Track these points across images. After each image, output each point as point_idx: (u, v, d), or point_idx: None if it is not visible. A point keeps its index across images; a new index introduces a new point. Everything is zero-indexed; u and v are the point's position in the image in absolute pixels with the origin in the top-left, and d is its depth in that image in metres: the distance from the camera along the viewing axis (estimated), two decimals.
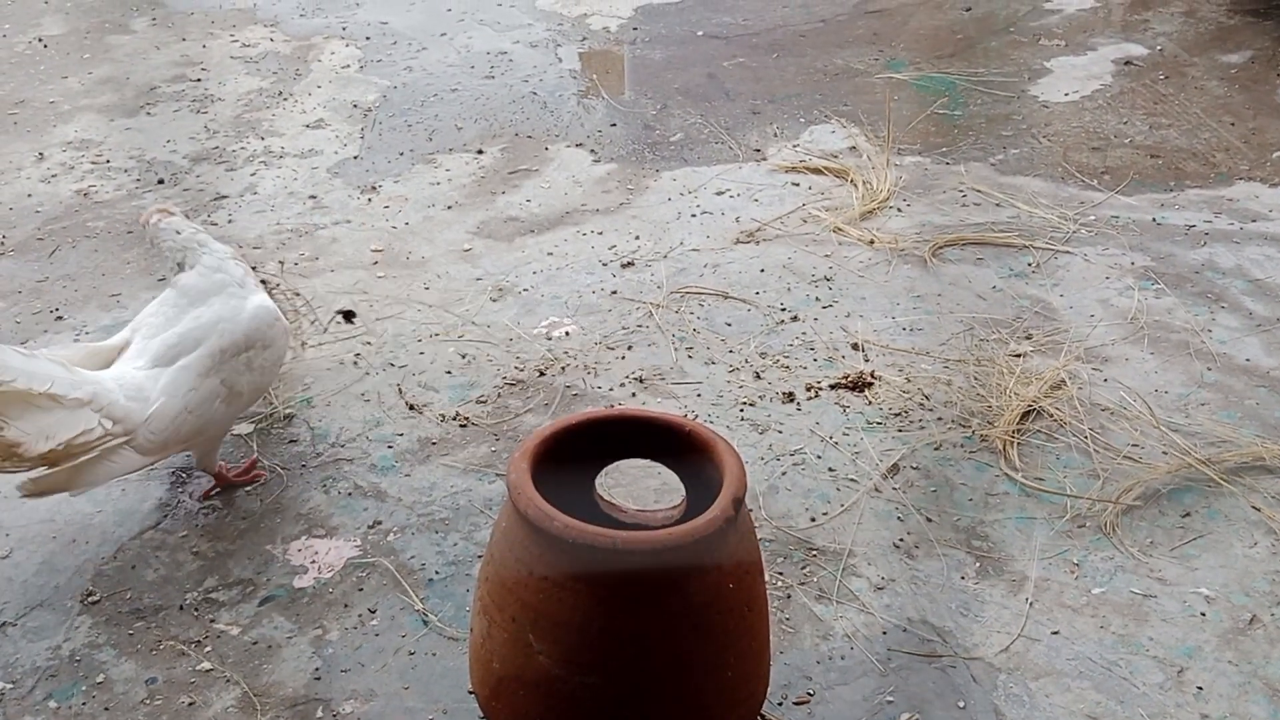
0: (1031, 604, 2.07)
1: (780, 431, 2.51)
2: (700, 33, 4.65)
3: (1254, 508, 2.26)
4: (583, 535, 1.57)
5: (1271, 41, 4.25)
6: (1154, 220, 3.24)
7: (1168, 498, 2.30)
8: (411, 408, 2.62)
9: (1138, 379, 2.63)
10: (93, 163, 3.80)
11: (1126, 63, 4.20)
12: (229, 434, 2.47)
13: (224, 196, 3.59)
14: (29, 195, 3.61)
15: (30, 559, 2.23)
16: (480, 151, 3.81)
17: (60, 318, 2.96)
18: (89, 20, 4.98)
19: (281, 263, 3.05)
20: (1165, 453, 2.40)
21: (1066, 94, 4.00)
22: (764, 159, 3.66)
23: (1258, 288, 2.93)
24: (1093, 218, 3.26)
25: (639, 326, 2.88)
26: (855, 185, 3.44)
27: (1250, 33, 4.34)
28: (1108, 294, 2.93)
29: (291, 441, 2.53)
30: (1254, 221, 3.22)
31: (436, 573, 2.17)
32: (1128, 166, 3.53)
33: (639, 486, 2.35)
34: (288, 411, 2.60)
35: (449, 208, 3.48)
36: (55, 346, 2.36)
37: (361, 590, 2.14)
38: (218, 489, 2.39)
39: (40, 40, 4.78)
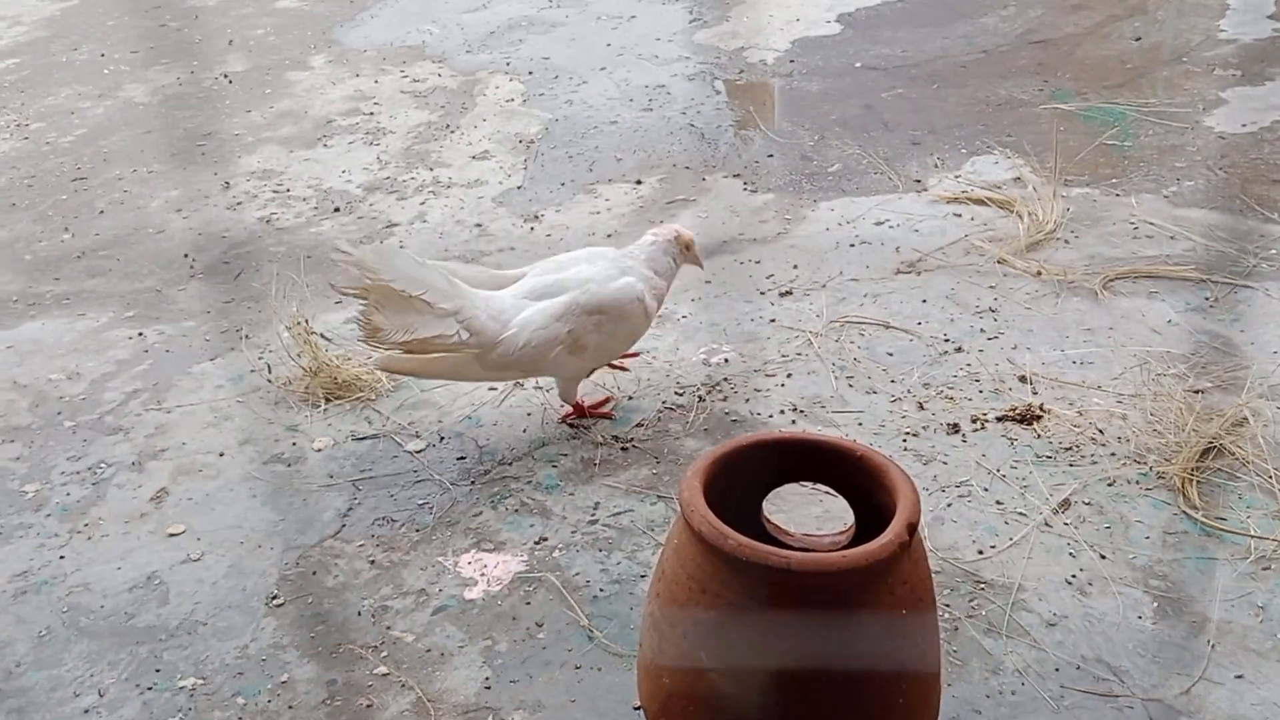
0: (1214, 646, 1.99)
1: (945, 463, 2.48)
2: (858, 65, 4.64)
3: None
4: (756, 554, 1.58)
5: None
6: None
7: None
8: (573, 426, 2.68)
9: None
10: (274, 191, 4.00)
11: None
12: (588, 377, 2.71)
13: (395, 224, 3.73)
14: (217, 221, 3.82)
15: (220, 562, 2.35)
16: (639, 182, 3.88)
17: (246, 336, 3.13)
18: (270, 58, 5.25)
19: None
20: None
21: (1244, 125, 3.85)
22: (924, 189, 3.63)
23: None
24: (1274, 252, 3.13)
25: (798, 355, 2.88)
26: (1020, 216, 3.38)
27: None
28: None
29: (461, 458, 2.61)
30: None
31: (601, 590, 2.21)
32: None
33: (800, 514, 2.35)
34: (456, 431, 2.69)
35: (609, 236, 3.55)
36: (462, 264, 2.68)
37: (529, 604, 2.19)
38: (576, 416, 2.68)
39: (226, 76, 5.07)
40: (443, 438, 2.68)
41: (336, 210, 3.84)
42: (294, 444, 2.69)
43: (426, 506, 2.47)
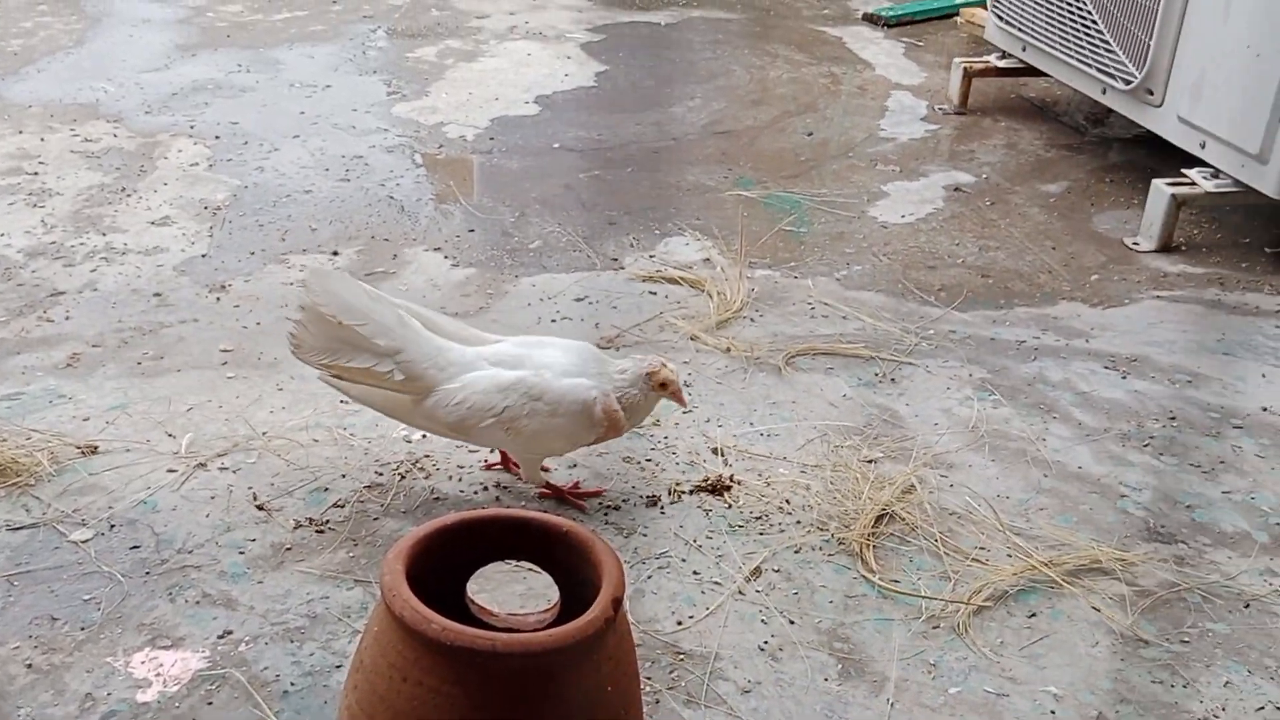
0: (892, 704, 2.12)
1: (645, 535, 2.52)
2: (556, 145, 4.75)
3: (1094, 608, 2.38)
4: (461, 638, 1.54)
5: (1085, 174, 4.60)
6: (988, 336, 3.43)
7: (1014, 599, 2.40)
8: (262, 509, 2.53)
9: (981, 484, 2.75)
10: None
11: (956, 189, 4.48)
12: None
13: (61, 292, 3.44)
14: None
15: None
16: (335, 253, 3.77)
17: None
18: None
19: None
20: (1010, 555, 2.51)
21: (903, 216, 4.23)
22: (621, 268, 3.74)
23: (1084, 400, 3.12)
24: (932, 332, 3.44)
25: None
26: (710, 295, 3.54)
27: (1066, 165, 4.69)
28: (949, 404, 3.08)
29: (134, 547, 2.40)
30: (1077, 338, 3.44)
31: (292, 684, 2.08)
32: (961, 285, 3.74)
33: (504, 592, 2.32)
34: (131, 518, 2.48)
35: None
36: (444, 316, 2.58)
37: (211, 704, 2.03)
38: (549, 495, 2.63)
39: None
40: (113, 525, 2.46)
41: None
42: None
43: (93, 602, 2.25)
